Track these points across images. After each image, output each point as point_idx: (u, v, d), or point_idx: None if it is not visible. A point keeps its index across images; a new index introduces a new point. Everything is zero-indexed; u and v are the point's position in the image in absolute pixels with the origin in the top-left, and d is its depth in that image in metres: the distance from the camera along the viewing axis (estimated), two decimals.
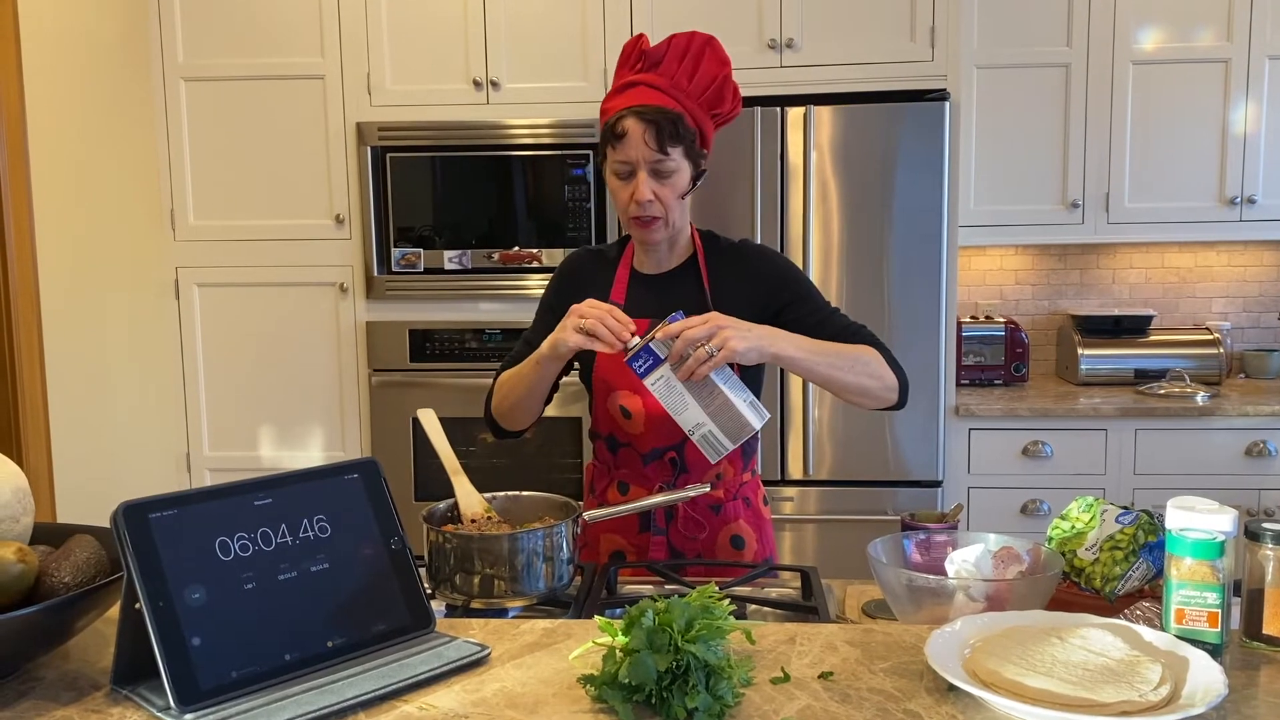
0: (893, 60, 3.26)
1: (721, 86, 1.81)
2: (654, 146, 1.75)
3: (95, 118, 3.19)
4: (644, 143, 1.76)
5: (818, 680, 1.19)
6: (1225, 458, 3.30)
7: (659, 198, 1.79)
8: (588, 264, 1.97)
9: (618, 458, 1.91)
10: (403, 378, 3.47)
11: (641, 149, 1.76)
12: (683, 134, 1.77)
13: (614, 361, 1.83)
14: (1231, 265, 3.83)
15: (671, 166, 1.78)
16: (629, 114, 1.77)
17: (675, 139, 1.76)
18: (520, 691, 1.17)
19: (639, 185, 1.78)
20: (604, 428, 1.92)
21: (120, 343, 3.31)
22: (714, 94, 1.81)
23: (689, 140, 1.79)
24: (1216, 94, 3.46)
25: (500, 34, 3.35)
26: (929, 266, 3.23)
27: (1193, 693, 1.07)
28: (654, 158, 1.76)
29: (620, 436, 1.89)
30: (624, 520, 1.86)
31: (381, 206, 3.43)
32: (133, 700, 1.16)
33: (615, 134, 1.78)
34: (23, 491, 1.33)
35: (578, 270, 1.97)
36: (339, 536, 1.30)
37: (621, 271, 1.91)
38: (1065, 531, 1.56)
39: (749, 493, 1.92)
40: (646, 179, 1.78)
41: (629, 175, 1.79)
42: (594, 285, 1.91)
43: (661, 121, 1.75)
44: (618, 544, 1.90)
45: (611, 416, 1.88)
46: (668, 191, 1.79)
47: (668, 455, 1.85)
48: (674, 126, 1.76)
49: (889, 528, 2.96)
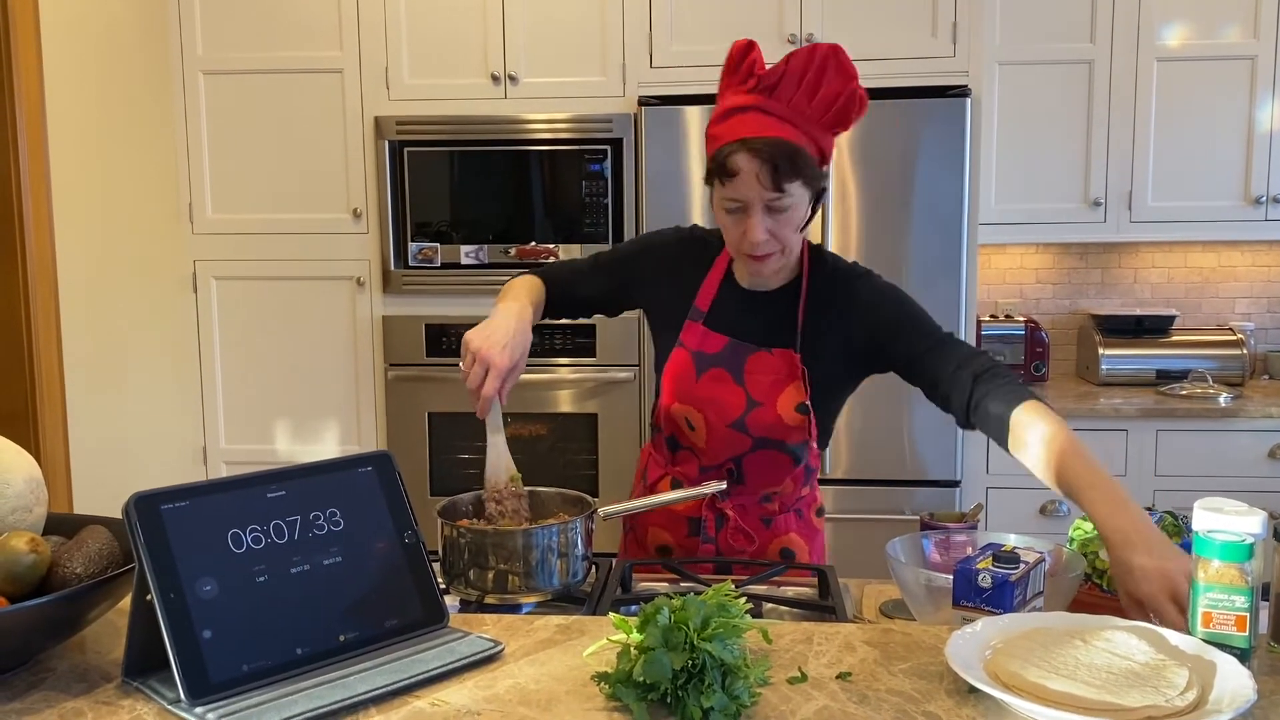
0: (914, 56, 3.23)
1: (847, 103, 1.60)
2: (769, 186, 1.57)
3: (114, 110, 3.19)
4: (758, 182, 1.58)
5: (835, 681, 1.17)
6: (1248, 460, 3.26)
7: (775, 235, 1.62)
8: (688, 250, 1.82)
9: (677, 457, 1.85)
10: (418, 372, 3.46)
11: (755, 188, 1.58)
12: (802, 167, 1.58)
13: (684, 370, 1.76)
14: (1256, 265, 3.79)
15: (789, 202, 1.60)
16: (740, 149, 1.58)
17: (793, 174, 1.58)
18: (533, 688, 1.16)
19: (752, 226, 1.61)
20: (667, 427, 1.84)
21: (138, 335, 3.32)
22: (839, 112, 1.61)
23: (809, 171, 1.60)
24: (1242, 92, 3.42)
25: (519, 28, 3.34)
26: (949, 264, 3.20)
27: (1220, 698, 1.05)
28: (769, 196, 1.59)
29: (682, 440, 1.82)
30: (674, 520, 1.81)
31: (399, 201, 3.42)
32: (143, 692, 1.15)
33: (726, 171, 1.59)
34: (36, 481, 1.33)
35: (668, 251, 1.84)
36: (352, 530, 1.29)
37: (714, 275, 1.79)
38: (1087, 533, 1.54)
39: (804, 505, 1.86)
40: (761, 219, 1.60)
41: (740, 211, 1.62)
42: (679, 274, 1.81)
43: (779, 159, 1.56)
44: (665, 540, 1.85)
45: (674, 420, 1.81)
46: (785, 228, 1.63)
47: (726, 466, 1.79)
48: (791, 163, 1.57)
49: (906, 527, 2.93)
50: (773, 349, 1.74)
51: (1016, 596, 1.28)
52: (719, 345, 1.76)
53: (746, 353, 1.75)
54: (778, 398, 1.73)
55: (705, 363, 1.76)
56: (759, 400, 1.73)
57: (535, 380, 3.41)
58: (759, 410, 1.73)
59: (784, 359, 1.73)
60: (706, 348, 1.77)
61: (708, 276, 1.80)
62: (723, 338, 1.76)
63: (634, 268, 1.87)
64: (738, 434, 1.75)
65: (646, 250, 1.88)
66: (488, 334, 1.62)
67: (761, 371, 1.74)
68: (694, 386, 1.76)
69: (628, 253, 1.90)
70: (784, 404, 1.73)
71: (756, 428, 1.74)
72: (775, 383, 1.73)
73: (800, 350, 1.73)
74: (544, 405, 3.43)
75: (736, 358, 1.75)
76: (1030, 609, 1.31)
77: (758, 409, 1.73)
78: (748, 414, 1.74)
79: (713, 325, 1.77)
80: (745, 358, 1.75)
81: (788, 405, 1.72)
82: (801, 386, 1.72)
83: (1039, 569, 1.33)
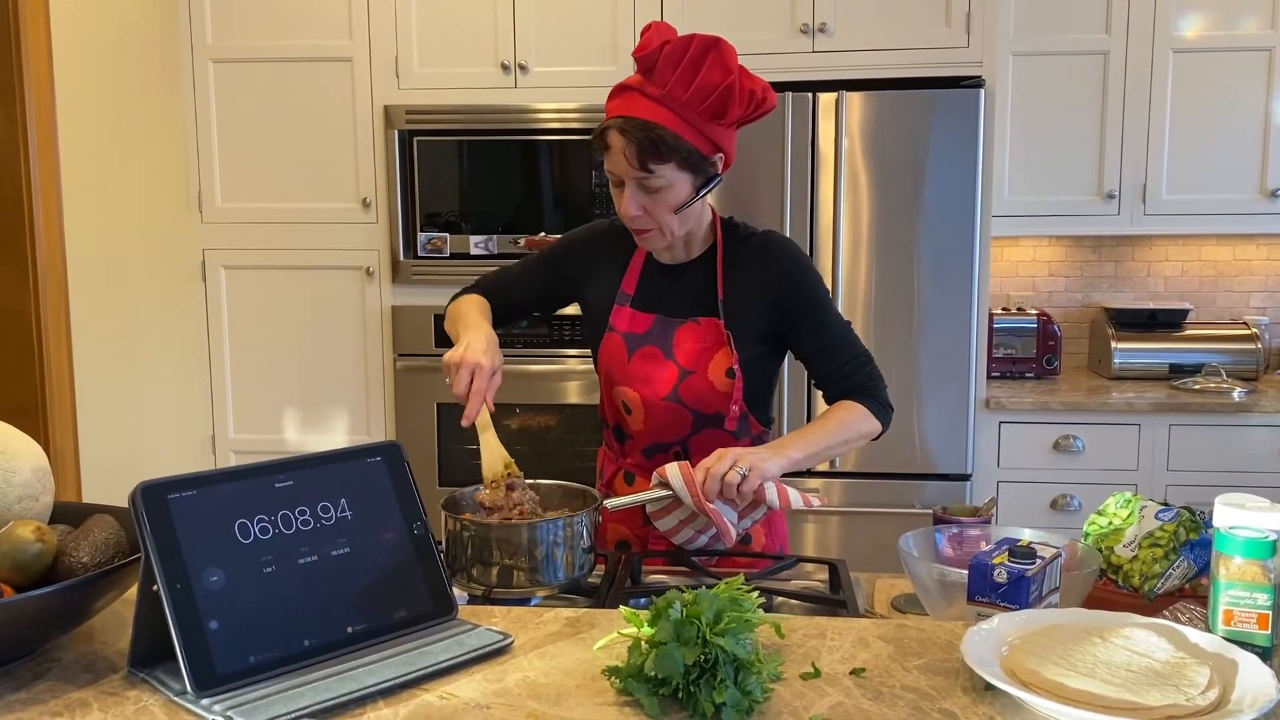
0: (927, 46, 3.20)
1: (724, 96, 1.62)
2: (635, 165, 1.63)
3: (124, 99, 3.18)
4: (625, 159, 1.64)
5: (849, 677, 1.15)
6: (1262, 455, 3.23)
7: (648, 211, 1.68)
8: (607, 239, 1.88)
9: (624, 447, 1.88)
10: (427, 363, 3.45)
11: (623, 165, 1.65)
12: (671, 150, 1.62)
13: (617, 353, 1.81)
14: (1271, 259, 3.75)
15: (659, 183, 1.65)
16: (612, 126, 1.65)
17: (660, 157, 1.62)
18: (543, 682, 1.15)
19: (622, 199, 1.69)
20: (610, 417, 1.89)
21: (147, 324, 3.31)
22: (715, 104, 1.62)
23: (682, 154, 1.64)
24: (1259, 84, 3.38)
25: (529, 17, 3.31)
26: (961, 257, 3.18)
27: (1242, 697, 1.03)
28: (637, 175, 1.65)
29: (625, 428, 1.85)
30: (627, 511, 1.80)
31: (408, 190, 3.40)
32: (149, 683, 1.14)
33: (602, 144, 1.68)
34: (42, 470, 1.32)
35: (595, 242, 1.90)
36: (360, 520, 1.27)
37: (638, 258, 1.84)
38: (1102, 527, 1.52)
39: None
40: (633, 193, 1.67)
41: (619, 186, 1.69)
42: (606, 263, 1.86)
43: (644, 139, 1.61)
44: (622, 534, 1.87)
45: (615, 406, 1.85)
46: (658, 206, 1.68)
47: (672, 449, 1.81)
48: (657, 145, 1.61)
49: (916, 521, 2.92)
50: (699, 319, 1.77)
51: (1033, 592, 1.26)
52: (647, 324, 1.80)
53: (674, 326, 1.78)
54: (708, 365, 1.75)
55: (635, 343, 1.80)
56: (690, 369, 1.76)
57: (544, 371, 3.40)
58: (691, 379, 1.76)
59: (710, 327, 1.76)
60: (636, 328, 1.80)
61: (631, 262, 1.84)
62: (650, 316, 1.80)
63: (564, 263, 1.90)
64: (675, 408, 1.77)
65: (573, 245, 1.92)
66: (465, 346, 1.65)
67: (690, 341, 1.77)
68: (627, 367, 1.79)
69: (555, 250, 1.93)
70: (714, 370, 1.75)
71: (690, 398, 1.76)
72: (704, 350, 1.76)
73: (724, 315, 1.76)
74: (552, 396, 3.42)
75: (665, 333, 1.78)
76: (1046, 605, 1.30)
77: (689, 378, 1.76)
78: (680, 384, 1.76)
79: (639, 306, 1.82)
80: (673, 331, 1.78)
81: (718, 371, 1.75)
82: (729, 351, 1.75)
83: (1055, 564, 1.31)
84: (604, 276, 1.86)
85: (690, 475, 1.59)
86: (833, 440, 1.71)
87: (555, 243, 1.95)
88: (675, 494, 1.60)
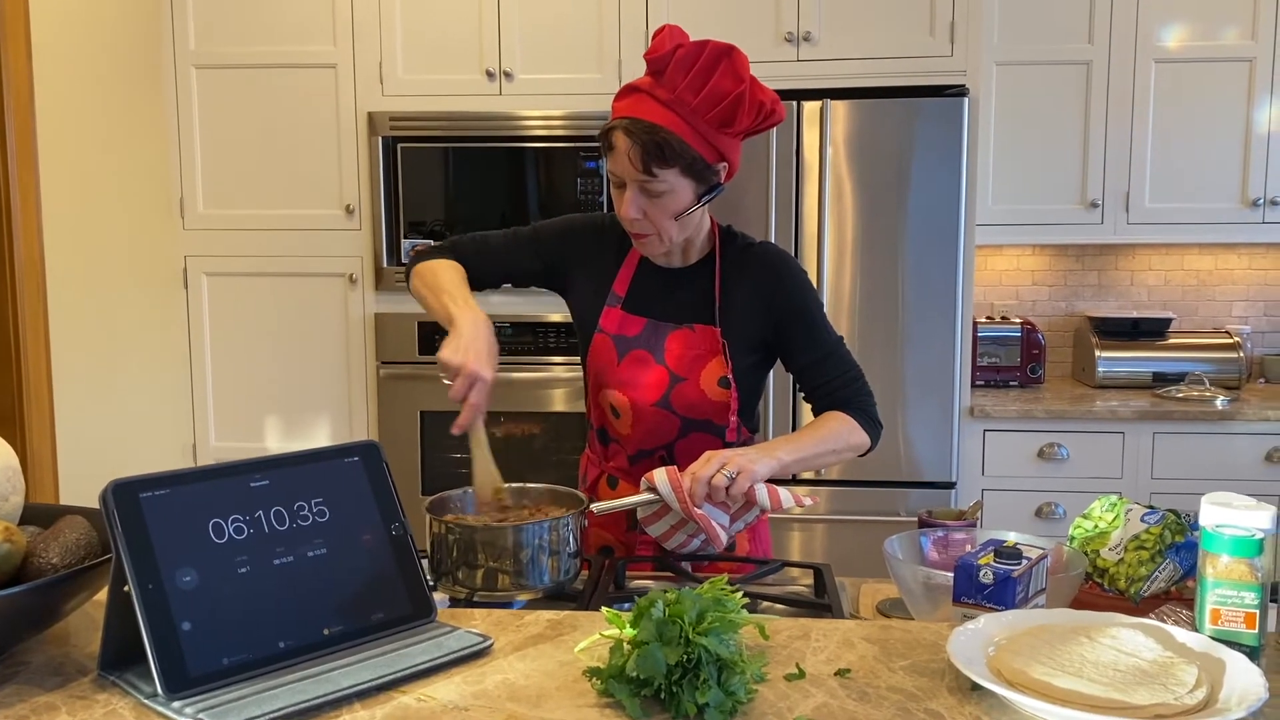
0: (912, 55, 3.21)
1: (734, 105, 1.60)
2: (639, 167, 1.61)
3: (104, 104, 3.16)
4: (629, 161, 1.62)
5: (834, 677, 1.14)
6: (1245, 463, 3.24)
7: (648, 216, 1.66)
8: (607, 235, 1.83)
9: (608, 451, 1.85)
10: (411, 370, 3.43)
11: (627, 167, 1.63)
12: (676, 155, 1.61)
13: (606, 356, 1.78)
14: (1253, 268, 3.77)
15: (661, 187, 1.63)
16: (618, 126, 1.63)
17: (664, 161, 1.61)
18: (523, 684, 1.13)
19: (623, 201, 1.66)
20: (596, 420, 1.86)
21: (128, 331, 3.28)
22: (724, 112, 1.61)
23: (686, 160, 1.62)
24: (1240, 93, 3.40)
25: (514, 24, 3.31)
26: (945, 265, 3.18)
27: (1229, 696, 1.02)
28: (639, 178, 1.62)
29: (611, 432, 1.83)
30: (611, 517, 1.77)
31: (392, 197, 3.39)
32: (120, 686, 1.11)
33: (607, 144, 1.66)
34: (12, 470, 1.29)
35: (594, 235, 1.85)
36: (338, 521, 1.25)
37: (631, 260, 1.81)
38: (1088, 531, 1.51)
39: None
40: (634, 196, 1.65)
41: (621, 187, 1.67)
42: (600, 259, 1.83)
43: (649, 142, 1.60)
44: (605, 539, 1.84)
45: (601, 409, 1.82)
46: (658, 211, 1.66)
47: (657, 454, 1.79)
48: (662, 150, 1.60)
49: (901, 528, 2.89)
50: (694, 325, 1.75)
51: (1019, 593, 1.25)
52: (638, 328, 1.77)
53: (665, 331, 1.76)
54: (700, 373, 1.74)
55: (625, 345, 1.77)
56: (681, 375, 1.74)
57: (529, 379, 3.38)
58: (682, 386, 1.74)
59: (705, 335, 1.74)
60: (626, 331, 1.78)
61: (625, 262, 1.81)
62: (641, 319, 1.78)
63: (558, 248, 1.85)
64: (664, 414, 1.75)
65: (572, 232, 1.86)
66: (466, 347, 1.59)
67: (681, 347, 1.75)
68: (616, 370, 1.77)
69: (553, 233, 1.86)
70: (707, 379, 1.73)
71: (681, 405, 1.74)
72: (697, 358, 1.74)
73: (720, 324, 1.74)
74: (538, 404, 3.40)
75: (656, 337, 1.76)
76: (1032, 606, 1.28)
77: (680, 384, 1.74)
78: (671, 391, 1.74)
79: (630, 309, 1.79)
80: (665, 336, 1.76)
81: (710, 380, 1.73)
82: (724, 361, 1.73)
83: (1041, 565, 1.30)
84: (595, 272, 1.83)
85: (678, 480, 1.57)
86: (823, 448, 1.70)
87: (553, 223, 1.88)
88: (663, 499, 1.58)
